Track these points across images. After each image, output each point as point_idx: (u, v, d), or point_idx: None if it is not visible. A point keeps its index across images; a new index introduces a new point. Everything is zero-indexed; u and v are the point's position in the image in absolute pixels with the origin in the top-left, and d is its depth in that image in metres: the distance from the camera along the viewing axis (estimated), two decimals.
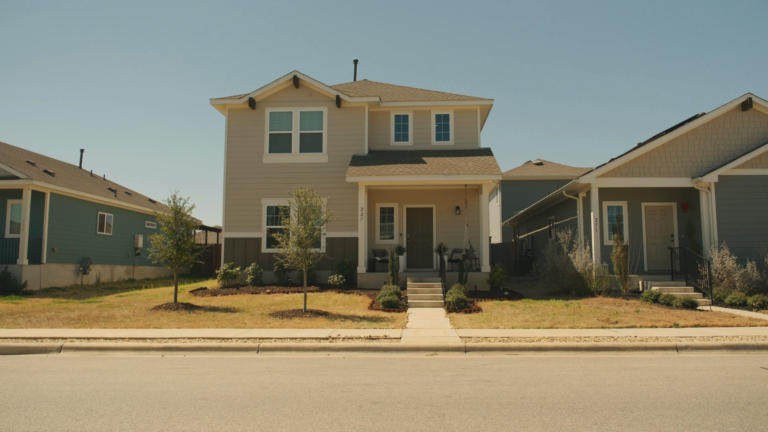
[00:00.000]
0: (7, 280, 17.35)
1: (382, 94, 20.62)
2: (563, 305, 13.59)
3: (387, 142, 19.94)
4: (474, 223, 18.95)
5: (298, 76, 19.04)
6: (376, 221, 19.45)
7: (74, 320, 11.80)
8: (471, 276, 16.54)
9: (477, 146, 19.75)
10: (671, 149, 17.22)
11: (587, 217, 17.81)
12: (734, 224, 16.37)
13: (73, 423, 4.89)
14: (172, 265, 13.93)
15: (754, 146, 16.95)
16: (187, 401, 5.63)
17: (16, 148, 23.39)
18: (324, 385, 6.34)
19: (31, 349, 9.13)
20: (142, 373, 7.28)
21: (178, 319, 11.98)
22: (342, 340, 9.33)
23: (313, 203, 12.94)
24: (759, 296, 13.79)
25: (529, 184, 33.13)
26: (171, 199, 13.99)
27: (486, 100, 19.69)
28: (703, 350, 8.83)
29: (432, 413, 5.14)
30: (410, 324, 11.21)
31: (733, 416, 4.99)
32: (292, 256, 12.77)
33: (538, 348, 8.88)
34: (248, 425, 4.78)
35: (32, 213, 18.86)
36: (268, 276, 18.26)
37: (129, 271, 24.77)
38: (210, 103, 19.32)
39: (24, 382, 6.67)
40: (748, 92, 17.01)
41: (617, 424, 4.77)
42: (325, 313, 12.28)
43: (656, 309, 13.09)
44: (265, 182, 18.96)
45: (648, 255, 18.20)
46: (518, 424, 4.76)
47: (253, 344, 9.13)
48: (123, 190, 27.48)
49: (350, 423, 4.84)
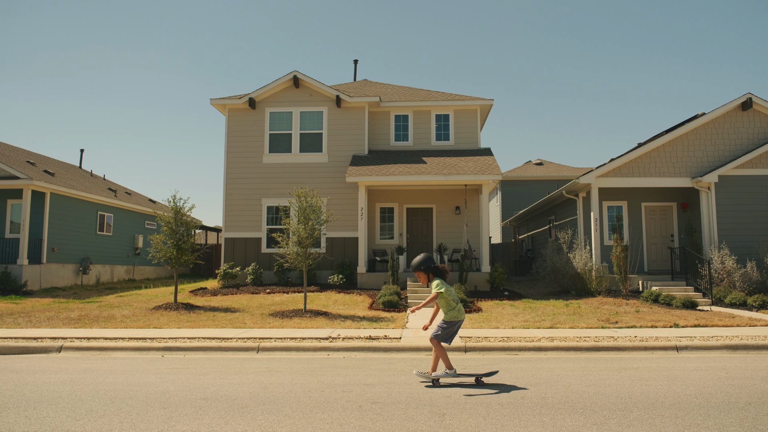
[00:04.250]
0: (7, 280, 17.35)
1: (382, 94, 20.62)
2: (563, 305, 13.59)
3: (387, 142, 19.94)
4: (474, 223, 18.95)
5: (298, 76, 19.04)
6: (376, 221, 19.45)
7: (74, 320, 11.80)
8: (471, 276, 16.53)
9: (477, 146, 19.75)
10: (671, 149, 17.22)
11: (587, 217, 17.81)
12: (734, 224, 16.37)
13: (73, 423, 4.89)
14: (172, 265, 13.92)
15: (754, 146, 16.95)
16: (187, 401, 5.63)
17: (16, 148, 23.39)
18: (324, 385, 6.34)
19: (31, 349, 9.13)
20: (142, 373, 7.28)
21: (178, 319, 11.97)
22: (342, 340, 9.33)
23: (314, 203, 12.94)
24: (759, 296, 13.79)
25: (529, 184, 33.12)
26: (171, 199, 14.00)
27: (486, 100, 19.70)
28: (703, 350, 8.82)
29: (432, 413, 5.13)
30: (410, 324, 11.21)
31: (733, 416, 4.99)
32: (292, 256, 12.77)
33: (538, 348, 8.88)
34: (248, 425, 4.78)
35: (32, 213, 18.86)
36: (268, 276, 18.26)
37: (129, 271, 24.76)
38: (210, 103, 19.33)
39: (24, 382, 6.66)
40: (748, 92, 17.02)
41: (617, 424, 4.77)
42: (325, 313, 12.28)
43: (656, 309, 13.08)
44: (265, 182, 18.96)
45: (648, 255, 18.19)
46: (518, 424, 4.75)
47: (253, 344, 9.12)
48: (123, 190, 27.48)
49: (350, 423, 4.84)
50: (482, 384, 6.30)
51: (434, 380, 6.34)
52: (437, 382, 6.32)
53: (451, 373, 6.34)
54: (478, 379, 6.37)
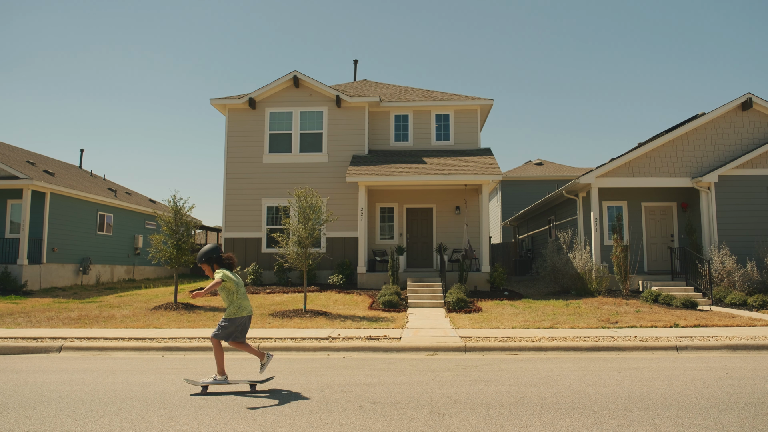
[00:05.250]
0: (7, 280, 17.35)
1: (382, 94, 20.62)
2: (563, 305, 13.59)
3: (387, 142, 19.94)
4: (474, 223, 18.95)
5: (298, 76, 19.04)
6: (376, 221, 19.45)
7: (74, 320, 11.79)
8: (471, 276, 16.53)
9: (477, 146, 19.75)
10: (671, 149, 17.22)
11: (587, 217, 17.81)
12: (734, 224, 16.37)
13: (73, 423, 4.89)
14: (172, 265, 13.92)
15: (754, 146, 16.95)
16: (187, 401, 5.63)
17: (16, 148, 23.39)
18: (324, 385, 6.34)
19: (31, 349, 9.13)
20: (142, 373, 7.28)
21: (178, 319, 11.97)
22: (342, 340, 9.33)
23: (313, 203, 12.94)
24: (759, 296, 13.79)
25: (529, 184, 33.12)
26: (171, 199, 14.00)
27: (486, 100, 19.69)
28: (703, 350, 8.82)
29: (432, 413, 5.14)
30: (410, 324, 11.21)
31: (733, 416, 4.99)
32: (292, 256, 12.77)
33: (538, 348, 8.88)
34: (248, 425, 4.78)
35: (32, 213, 18.86)
36: (268, 276, 18.26)
37: (129, 271, 24.76)
38: (210, 103, 19.33)
39: (24, 382, 6.66)
40: (748, 92, 17.01)
41: (617, 424, 4.77)
42: (325, 313, 12.28)
43: (656, 309, 13.08)
44: (265, 182, 18.96)
45: (648, 255, 18.19)
46: (518, 424, 4.75)
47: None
48: (123, 190, 27.48)
49: (350, 423, 4.84)
50: (256, 391, 6.02)
51: (203, 387, 5.99)
52: (205, 389, 6.00)
53: (220, 380, 6.04)
54: (252, 386, 6.06)
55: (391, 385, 6.37)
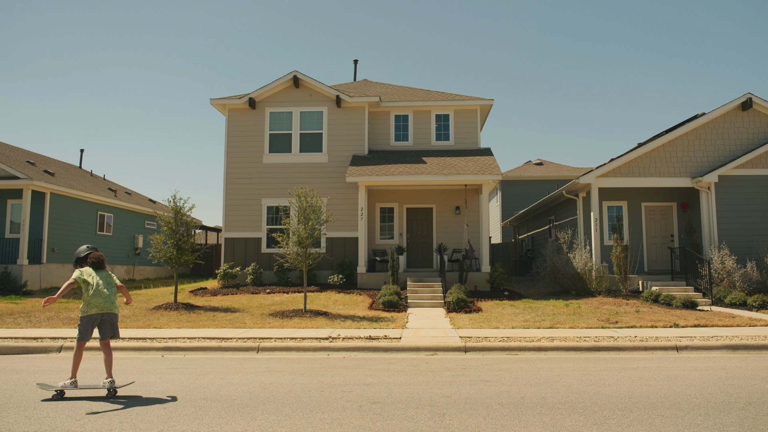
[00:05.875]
0: (7, 280, 17.35)
1: (382, 94, 20.62)
2: (563, 305, 13.59)
3: (387, 142, 19.94)
4: (474, 223, 18.95)
5: (298, 76, 19.04)
6: (376, 221, 19.45)
7: (74, 320, 11.79)
8: (471, 276, 16.53)
9: (477, 146, 19.76)
10: (671, 149, 17.22)
11: (587, 217, 17.81)
12: (734, 224, 16.37)
13: (72, 423, 4.89)
14: (172, 265, 13.93)
15: (754, 146, 16.95)
16: (187, 401, 5.63)
17: (16, 148, 23.39)
18: (324, 385, 6.34)
19: (31, 349, 9.13)
20: (142, 373, 7.28)
21: (178, 319, 11.98)
22: (342, 340, 9.33)
23: (314, 203, 12.94)
24: (759, 296, 13.79)
25: (529, 184, 33.12)
26: (171, 199, 14.00)
27: (486, 100, 19.70)
28: (703, 350, 8.83)
29: (432, 413, 5.14)
30: (410, 324, 11.21)
31: (733, 416, 4.99)
32: (292, 256, 12.77)
33: (538, 348, 8.88)
34: (248, 425, 4.78)
35: (32, 213, 18.86)
36: (268, 276, 18.26)
37: (129, 271, 24.76)
38: (210, 103, 19.33)
39: (24, 382, 6.67)
40: (748, 92, 17.01)
41: (617, 424, 4.77)
42: (325, 313, 12.28)
43: (656, 309, 13.09)
44: (265, 182, 18.96)
45: (648, 255, 18.19)
46: (518, 424, 4.76)
47: (253, 344, 9.12)
48: (123, 190, 27.48)
49: (350, 423, 4.84)
50: (115, 397, 5.86)
51: (58, 391, 5.82)
52: (61, 394, 5.83)
53: (69, 384, 5.87)
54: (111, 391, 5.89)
55: (391, 385, 6.37)
